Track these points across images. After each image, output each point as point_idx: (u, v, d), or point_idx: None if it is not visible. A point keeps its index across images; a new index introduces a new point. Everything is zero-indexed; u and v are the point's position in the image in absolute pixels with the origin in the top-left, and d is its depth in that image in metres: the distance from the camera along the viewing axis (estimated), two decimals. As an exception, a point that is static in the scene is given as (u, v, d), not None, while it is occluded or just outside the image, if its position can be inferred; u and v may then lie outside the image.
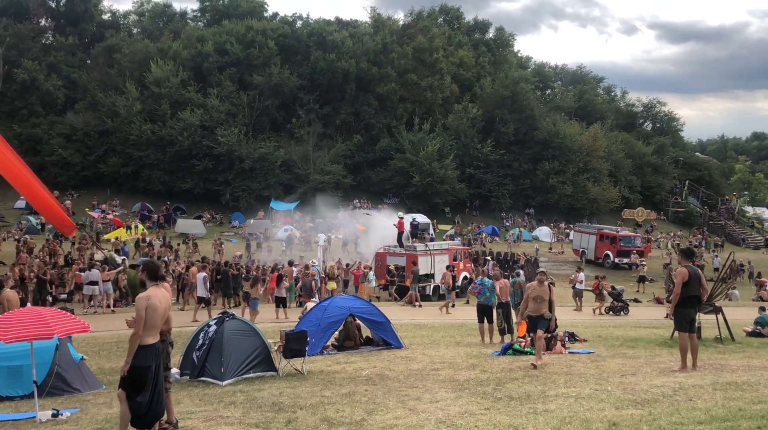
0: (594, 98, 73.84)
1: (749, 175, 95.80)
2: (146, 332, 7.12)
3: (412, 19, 68.85)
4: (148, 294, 7.24)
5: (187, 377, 11.81)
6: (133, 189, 53.23)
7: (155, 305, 7.16)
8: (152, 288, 7.34)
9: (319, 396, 9.61)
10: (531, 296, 12.39)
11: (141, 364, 7.06)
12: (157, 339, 7.28)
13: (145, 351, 7.10)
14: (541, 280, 12.54)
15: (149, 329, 7.14)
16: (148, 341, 7.14)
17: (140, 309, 7.11)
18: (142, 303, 7.13)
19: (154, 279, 7.42)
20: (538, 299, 12.28)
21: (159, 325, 7.27)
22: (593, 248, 45.51)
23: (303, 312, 18.02)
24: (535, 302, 12.30)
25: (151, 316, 7.13)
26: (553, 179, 58.31)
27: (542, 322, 12.21)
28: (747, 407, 7.55)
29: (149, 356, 7.12)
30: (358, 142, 58.17)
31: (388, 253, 31.59)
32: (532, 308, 12.31)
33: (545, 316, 12.21)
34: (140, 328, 7.06)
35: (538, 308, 12.20)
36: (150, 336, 7.16)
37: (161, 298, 7.30)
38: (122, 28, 65.16)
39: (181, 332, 17.05)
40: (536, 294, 12.30)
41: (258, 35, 58.39)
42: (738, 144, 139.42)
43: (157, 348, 7.24)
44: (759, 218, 72.34)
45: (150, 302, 7.14)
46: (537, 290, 12.34)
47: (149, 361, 7.11)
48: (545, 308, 12.20)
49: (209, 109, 53.84)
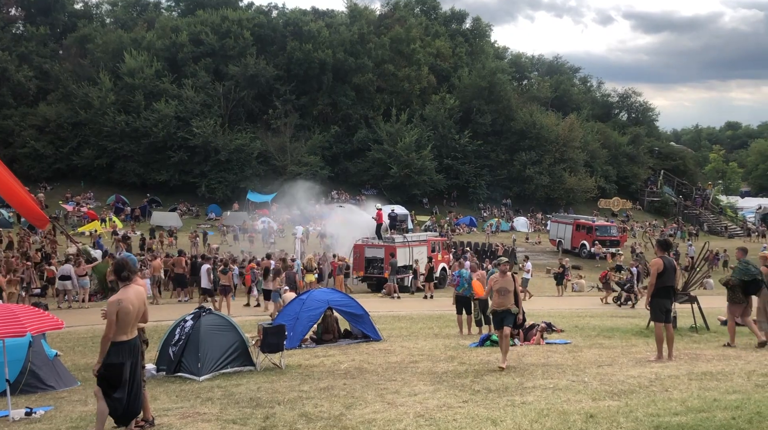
0: (570, 89, 74.34)
1: (723, 165, 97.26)
2: (120, 330, 7.01)
3: (389, 9, 68.68)
4: (118, 297, 7.09)
5: (163, 373, 11.69)
6: (108, 181, 52.67)
7: (127, 308, 7.02)
8: (123, 289, 7.20)
9: (297, 391, 9.55)
10: (495, 289, 11.28)
11: (114, 361, 6.96)
12: (133, 336, 7.16)
13: (118, 348, 6.99)
14: (504, 270, 11.39)
15: (123, 327, 7.03)
16: (122, 338, 7.02)
17: (110, 314, 6.98)
18: (112, 308, 6.99)
19: (122, 279, 7.27)
20: (502, 291, 11.17)
21: (134, 323, 7.16)
22: (570, 237, 45.87)
23: (281, 304, 17.98)
24: (499, 294, 11.22)
25: (124, 318, 7.01)
26: (530, 170, 58.63)
27: (509, 317, 11.07)
28: (722, 397, 7.63)
29: (123, 352, 7.01)
30: (336, 134, 58.00)
31: (367, 245, 31.54)
32: (496, 301, 11.25)
33: (512, 310, 11.09)
34: (110, 332, 6.95)
35: (503, 301, 11.12)
36: (124, 334, 7.04)
37: (133, 298, 7.14)
38: (95, 18, 64.39)
39: (157, 326, 16.91)
40: (500, 286, 11.18)
41: (233, 25, 57.92)
42: (712, 134, 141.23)
43: (132, 344, 7.13)
44: (733, 206, 73.34)
45: (121, 306, 6.99)
46: (500, 282, 11.21)
47: (123, 358, 7.00)
48: (511, 301, 11.10)
49: (184, 100, 53.36)
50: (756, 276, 12.39)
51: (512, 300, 11.10)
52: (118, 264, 7.57)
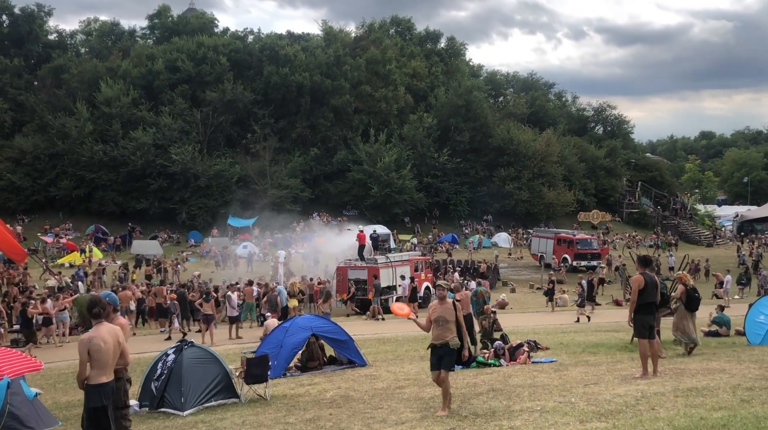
0: (546, 104, 75.06)
1: (699, 174, 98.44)
2: (97, 371, 6.87)
3: (364, 31, 69.11)
4: (90, 335, 6.96)
5: (146, 409, 11.51)
6: (87, 211, 52.19)
7: (98, 346, 6.85)
8: (95, 327, 7.05)
9: (282, 423, 9.44)
10: (432, 318, 9.35)
11: (97, 404, 6.83)
12: (111, 378, 7.03)
13: (99, 390, 6.86)
14: (442, 296, 9.47)
15: (100, 368, 6.88)
16: (101, 379, 6.89)
17: (80, 353, 6.87)
18: (82, 346, 6.87)
19: (94, 316, 7.13)
20: (440, 321, 9.23)
21: (110, 363, 7.00)
22: (551, 251, 46.02)
23: (264, 333, 17.80)
24: (437, 325, 9.25)
25: (97, 356, 6.85)
26: (510, 185, 58.94)
27: (448, 356, 9.17)
28: (708, 415, 7.64)
29: (105, 394, 6.88)
30: (315, 156, 58.00)
31: (350, 266, 31.41)
32: (434, 334, 9.35)
33: (450, 345, 9.17)
34: (83, 371, 6.82)
35: (442, 333, 9.22)
36: (103, 375, 6.91)
37: (105, 336, 6.96)
38: (69, 48, 64.01)
39: (139, 359, 16.70)
40: (437, 315, 9.27)
41: (209, 51, 57.94)
42: (687, 143, 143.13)
43: (111, 387, 7.00)
44: (710, 215, 74.16)
45: (92, 344, 6.85)
46: (438, 310, 9.29)
47: (105, 400, 6.88)
48: (452, 334, 9.20)
49: (162, 127, 53.19)
50: (662, 291, 12.87)
51: (453, 332, 9.21)
52: (90, 301, 7.47)
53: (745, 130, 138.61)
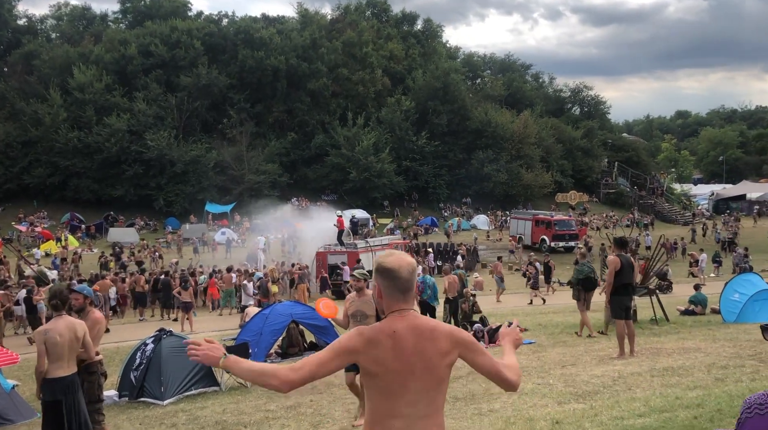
0: (523, 86, 75.26)
1: (675, 153, 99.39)
2: (53, 365, 6.79)
3: (340, 14, 68.65)
4: (46, 328, 6.89)
5: (126, 399, 11.46)
6: (62, 199, 51.49)
7: (53, 339, 6.75)
8: (54, 320, 6.97)
9: (263, 411, 9.43)
10: (349, 313, 8.04)
11: (48, 399, 6.78)
12: (69, 372, 6.92)
13: (52, 385, 6.79)
14: (359, 287, 8.10)
15: (55, 361, 6.79)
16: (57, 373, 6.80)
17: (37, 343, 6.81)
18: (39, 338, 6.81)
19: (53, 308, 7.03)
20: (358, 316, 7.88)
21: (66, 357, 6.87)
22: (530, 233, 46.34)
23: (243, 319, 17.79)
24: (355, 321, 7.84)
25: (53, 350, 6.76)
26: (488, 168, 59.08)
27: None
28: (683, 394, 7.75)
29: (56, 390, 6.80)
30: (293, 140, 57.69)
31: (329, 252, 31.42)
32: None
33: None
34: (41, 363, 6.75)
35: None
36: (59, 369, 6.81)
37: (62, 329, 6.84)
38: (40, 33, 62.89)
39: (117, 348, 16.62)
40: (355, 309, 7.99)
41: (183, 35, 57.21)
42: (663, 123, 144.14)
43: (69, 381, 6.90)
44: (686, 194, 74.95)
45: (47, 336, 6.76)
46: (356, 303, 8.00)
47: (57, 395, 6.80)
48: None
49: (136, 113, 52.55)
50: (588, 274, 14.37)
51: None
52: (50, 293, 7.38)
53: (720, 109, 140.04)
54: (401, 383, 3.07)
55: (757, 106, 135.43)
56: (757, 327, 13.66)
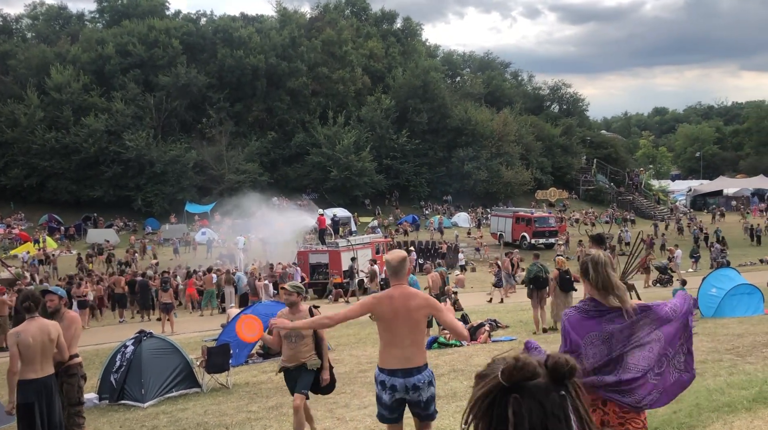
0: (502, 84, 75.52)
1: (653, 150, 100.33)
2: (24, 367, 6.73)
3: (319, 12, 68.43)
4: (18, 330, 6.81)
5: (106, 402, 11.37)
6: (39, 201, 50.93)
7: (26, 341, 6.69)
8: (26, 322, 6.88)
9: (245, 412, 9.41)
10: (282, 333, 7.00)
11: (20, 401, 6.72)
12: (43, 374, 6.84)
13: (24, 387, 6.72)
14: (291, 302, 7.18)
15: (27, 364, 6.74)
16: (28, 376, 6.74)
17: (10, 346, 6.74)
18: (11, 340, 6.75)
19: (25, 310, 6.94)
20: (292, 336, 6.99)
21: (39, 359, 6.80)
22: (510, 230, 46.52)
23: (227, 319, 17.69)
24: (289, 342, 7.02)
25: (25, 352, 6.70)
26: (468, 165, 59.22)
27: (304, 378, 7.01)
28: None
29: (28, 392, 6.74)
30: (273, 139, 57.48)
31: (311, 251, 31.37)
32: (286, 353, 7.08)
33: (308, 365, 7.01)
34: (14, 365, 6.68)
35: (296, 352, 7.01)
36: (30, 371, 6.75)
37: (35, 332, 6.77)
38: (15, 33, 62.11)
39: (97, 351, 16.49)
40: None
41: (161, 34, 56.76)
42: (641, 120, 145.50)
43: (42, 383, 6.83)
44: (665, 190, 75.69)
45: (19, 339, 6.69)
46: (288, 317, 6.89)
47: (29, 397, 6.74)
48: (309, 352, 7.04)
49: (114, 113, 52.08)
50: (537, 274, 15.41)
51: (310, 348, 7.04)
52: (22, 295, 7.31)
53: (697, 105, 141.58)
54: (395, 324, 5.37)
55: (733, 103, 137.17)
56: (734, 321, 13.85)
